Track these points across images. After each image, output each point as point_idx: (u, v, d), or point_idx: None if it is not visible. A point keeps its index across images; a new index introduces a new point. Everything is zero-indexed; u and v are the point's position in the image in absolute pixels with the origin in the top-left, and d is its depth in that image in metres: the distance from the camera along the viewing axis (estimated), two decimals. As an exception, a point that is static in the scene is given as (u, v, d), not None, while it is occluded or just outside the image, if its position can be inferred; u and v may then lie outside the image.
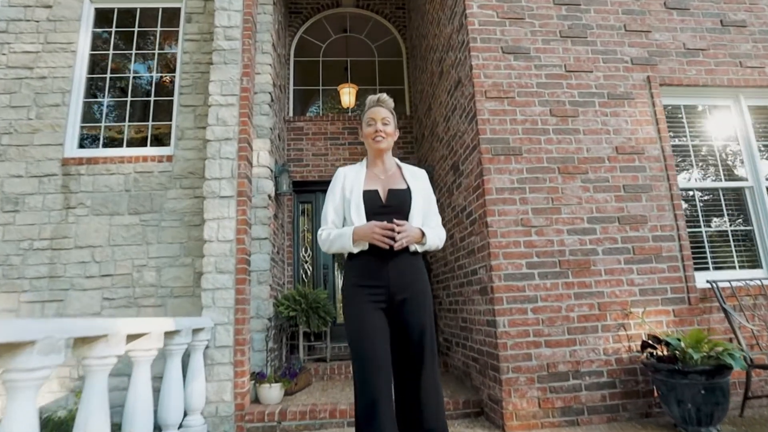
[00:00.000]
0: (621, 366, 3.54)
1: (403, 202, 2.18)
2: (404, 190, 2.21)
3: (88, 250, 4.49)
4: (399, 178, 2.28)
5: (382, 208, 2.15)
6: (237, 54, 4.35)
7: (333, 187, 2.29)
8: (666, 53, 4.16)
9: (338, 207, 2.24)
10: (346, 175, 2.29)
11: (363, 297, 2.08)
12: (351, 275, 2.16)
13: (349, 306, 2.11)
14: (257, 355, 4.44)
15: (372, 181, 2.23)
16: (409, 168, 2.35)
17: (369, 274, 2.10)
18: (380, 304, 2.08)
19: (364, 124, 2.30)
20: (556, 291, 3.60)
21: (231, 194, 4.08)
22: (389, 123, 2.27)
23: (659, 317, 3.66)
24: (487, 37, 3.99)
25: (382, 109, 2.28)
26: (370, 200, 2.16)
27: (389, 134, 2.26)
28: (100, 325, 2.14)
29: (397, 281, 2.08)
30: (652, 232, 3.79)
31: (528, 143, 3.82)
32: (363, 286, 2.09)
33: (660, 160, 3.93)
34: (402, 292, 2.08)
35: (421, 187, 2.28)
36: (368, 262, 2.11)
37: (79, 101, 4.83)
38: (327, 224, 2.24)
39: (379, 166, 2.30)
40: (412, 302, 2.09)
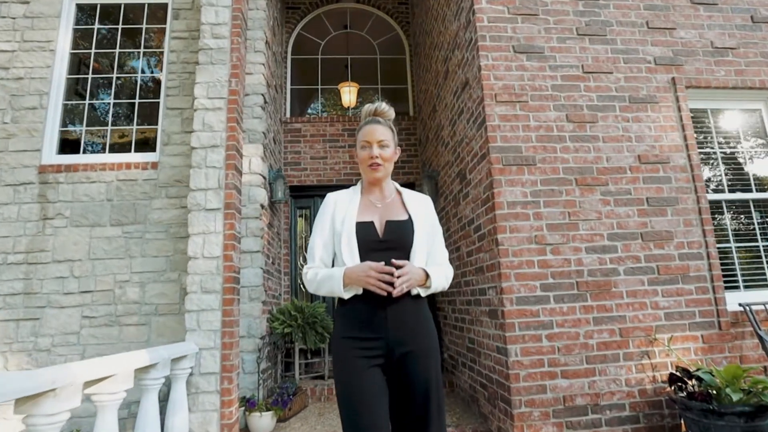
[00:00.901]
0: (645, 399, 3.21)
1: (403, 236, 1.82)
2: (405, 222, 1.86)
3: (66, 264, 4.18)
4: (399, 207, 1.92)
5: (379, 243, 1.80)
6: (225, 53, 4.02)
7: (321, 217, 1.93)
8: (692, 52, 3.81)
9: (327, 241, 1.88)
10: (336, 202, 1.92)
11: (355, 352, 1.72)
12: (341, 325, 1.80)
13: (339, 363, 1.75)
14: (248, 377, 4.12)
15: (367, 211, 1.88)
16: (410, 194, 2.00)
17: (363, 324, 1.75)
18: (376, 360, 1.72)
19: (358, 145, 1.94)
20: (573, 315, 3.27)
21: (218, 206, 3.76)
22: (388, 145, 1.90)
23: (686, 344, 3.32)
24: (497, 35, 3.64)
25: (379, 127, 1.90)
26: (365, 234, 1.81)
27: (387, 159, 1.89)
28: (46, 377, 1.82)
29: (397, 333, 1.73)
30: (679, 250, 3.45)
31: (542, 152, 3.48)
32: (355, 338, 1.74)
33: (686, 169, 3.58)
34: (403, 346, 1.73)
35: (425, 216, 1.92)
36: (362, 310, 1.76)
37: (59, 104, 4.51)
38: (314, 261, 1.88)
39: (376, 192, 1.94)
40: (415, 358, 1.74)
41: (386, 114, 1.97)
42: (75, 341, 4.07)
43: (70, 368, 1.98)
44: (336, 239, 1.85)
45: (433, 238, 1.93)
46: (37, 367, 3.99)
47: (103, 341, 4.07)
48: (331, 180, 6.10)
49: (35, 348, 4.03)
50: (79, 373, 2.04)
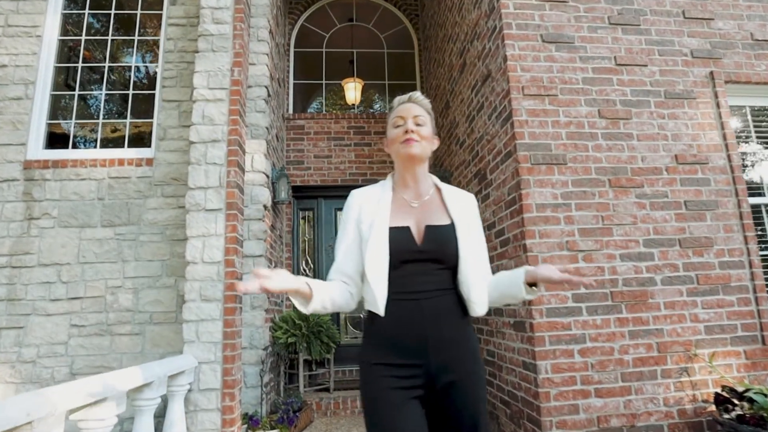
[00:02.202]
0: (684, 419, 2.95)
1: (445, 245, 1.50)
2: (447, 227, 1.53)
3: (53, 268, 3.86)
4: (439, 208, 1.59)
5: (418, 253, 1.48)
6: (227, 40, 3.71)
7: (345, 221, 1.60)
8: (731, 45, 3.55)
9: (351, 248, 1.56)
10: (362, 203, 1.59)
11: (390, 381, 1.42)
12: (372, 348, 1.49)
13: (369, 396, 1.45)
14: (250, 392, 3.83)
15: (401, 213, 1.55)
16: (452, 191, 1.65)
17: (398, 346, 1.44)
18: (415, 391, 1.42)
19: (389, 127, 1.62)
20: (607, 329, 3.00)
21: (219, 207, 3.46)
22: (424, 123, 1.57)
23: (728, 360, 3.06)
24: (523, 23, 3.36)
25: (415, 105, 1.58)
26: (399, 242, 1.48)
27: (424, 137, 1.55)
28: (18, 409, 1.53)
29: (440, 358, 1.43)
30: (719, 258, 3.19)
31: (573, 150, 3.21)
32: (390, 365, 1.43)
33: (726, 171, 3.33)
34: (447, 374, 1.43)
35: (469, 219, 1.60)
36: (396, 328, 1.45)
37: (46, 94, 4.18)
38: (331, 271, 1.58)
39: (411, 188, 1.59)
40: (461, 388, 1.44)
41: (421, 101, 1.66)
42: (63, 352, 3.76)
43: (48, 396, 1.68)
44: (363, 247, 1.52)
45: (480, 246, 1.61)
46: (21, 380, 3.67)
47: (93, 352, 3.76)
48: (335, 180, 5.80)
49: (19, 359, 3.71)
50: (59, 401, 1.75)
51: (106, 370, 3.75)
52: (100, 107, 4.27)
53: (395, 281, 1.47)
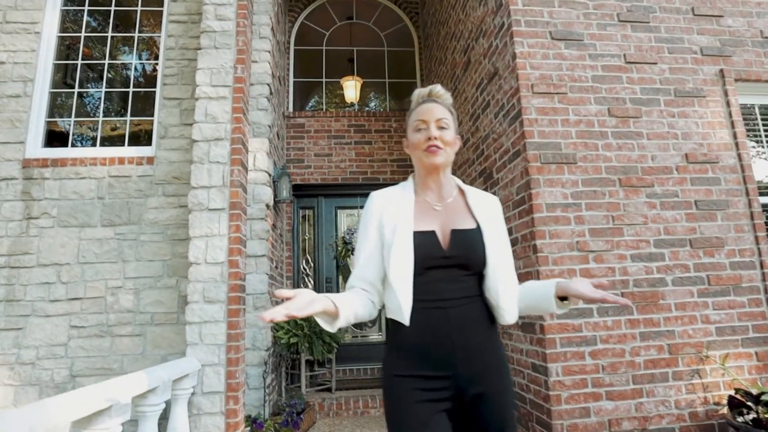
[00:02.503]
0: (696, 422, 2.91)
1: (472, 250, 1.43)
2: (474, 231, 1.46)
3: (53, 268, 3.79)
4: (463, 211, 1.51)
5: (444, 259, 1.40)
6: (230, 37, 3.65)
7: (365, 224, 1.51)
8: (740, 42, 3.51)
9: (373, 254, 1.47)
10: (383, 205, 1.50)
11: (417, 394, 1.35)
12: (396, 359, 1.41)
13: (395, 409, 1.37)
14: (253, 393, 3.77)
15: (425, 216, 1.47)
16: (476, 194, 1.57)
17: (424, 357, 1.37)
18: (443, 404, 1.36)
19: (410, 129, 1.53)
20: (618, 330, 2.96)
21: (222, 206, 3.39)
22: (448, 126, 1.48)
23: (740, 362, 3.03)
24: (532, 19, 3.31)
25: (437, 106, 1.50)
26: (424, 247, 1.40)
27: (448, 142, 1.47)
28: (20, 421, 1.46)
29: (469, 369, 1.36)
30: (730, 258, 3.16)
31: (583, 149, 3.16)
32: (417, 376, 1.36)
33: (737, 170, 3.29)
34: (476, 386, 1.36)
35: (495, 223, 1.52)
36: (422, 338, 1.38)
37: (45, 92, 4.11)
38: (352, 280, 1.49)
39: (434, 190, 1.52)
40: (490, 400, 1.38)
41: (442, 96, 1.56)
42: (62, 353, 3.69)
43: (49, 408, 1.62)
44: (386, 253, 1.44)
45: (506, 251, 1.53)
46: (20, 382, 3.60)
47: (93, 353, 3.70)
48: (336, 179, 5.74)
49: (18, 361, 3.64)
50: (62, 414, 1.68)
51: (107, 371, 3.69)
52: (99, 105, 4.20)
53: (420, 288, 1.39)
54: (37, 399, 3.62)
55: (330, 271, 5.71)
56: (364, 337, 5.70)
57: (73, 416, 1.71)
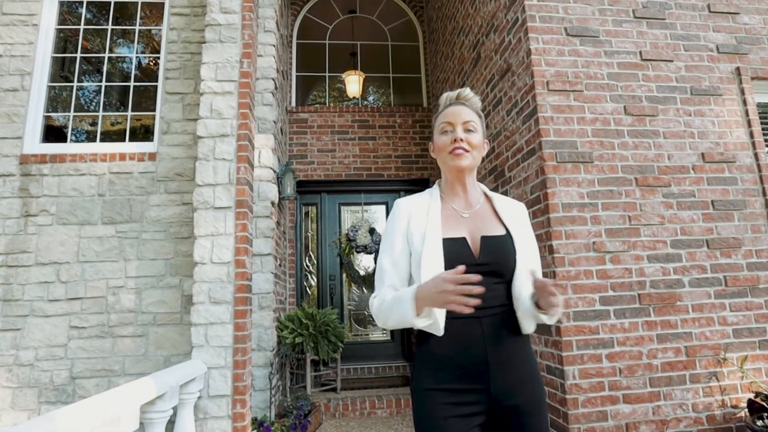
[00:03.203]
0: (714, 426, 2.87)
1: (504, 256, 1.38)
2: (504, 237, 1.42)
3: (52, 267, 3.68)
4: (491, 217, 1.48)
5: (475, 266, 1.32)
6: (236, 31, 3.55)
7: (392, 232, 1.47)
8: (757, 40, 3.46)
9: (400, 261, 1.43)
10: (411, 213, 1.46)
11: (448, 410, 1.29)
12: (425, 372, 1.36)
13: (426, 423, 1.32)
14: (258, 395, 3.69)
15: (453, 223, 1.43)
16: (502, 200, 1.54)
17: (457, 370, 1.32)
18: (476, 419, 1.31)
19: (436, 132, 1.50)
20: (635, 332, 2.91)
21: (228, 204, 3.30)
22: (475, 129, 1.46)
23: (757, 364, 2.99)
24: (547, 15, 3.24)
25: (464, 108, 1.47)
26: (455, 254, 1.35)
27: (475, 146, 1.44)
28: None
29: (502, 381, 1.31)
30: (747, 259, 3.11)
31: (599, 148, 3.10)
32: (447, 390, 1.31)
33: (753, 170, 3.24)
34: (510, 398, 1.31)
35: (524, 229, 1.49)
36: (454, 350, 1.32)
37: (43, 86, 3.98)
38: (382, 287, 1.43)
39: (460, 197, 1.49)
40: (524, 412, 1.32)
41: (471, 100, 1.53)
42: (62, 355, 3.59)
43: (56, 421, 1.53)
44: (414, 260, 1.40)
45: (535, 257, 1.50)
46: (18, 384, 3.50)
47: (94, 355, 3.60)
48: (339, 175, 5.65)
49: (16, 362, 3.54)
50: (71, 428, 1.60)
51: (108, 373, 3.60)
52: (99, 100, 4.08)
53: None
54: (35, 402, 3.52)
55: (333, 269, 5.63)
56: (367, 336, 5.63)
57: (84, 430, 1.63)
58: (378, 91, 6.55)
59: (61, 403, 3.54)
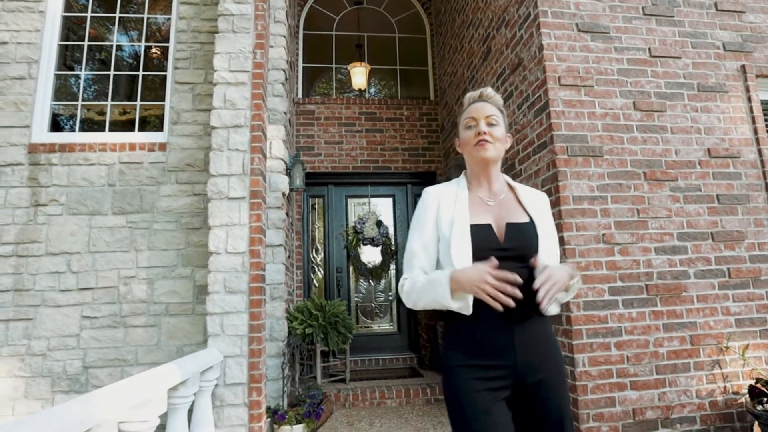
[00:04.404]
0: (716, 411, 2.98)
1: (527, 242, 1.48)
2: (527, 225, 1.51)
3: (62, 257, 3.69)
4: (515, 206, 1.57)
5: (500, 251, 1.43)
6: (249, 21, 3.55)
7: (422, 218, 1.57)
8: (762, 39, 3.54)
9: (429, 246, 1.53)
10: (440, 200, 1.56)
11: (478, 384, 1.39)
12: (455, 350, 1.46)
13: (457, 399, 1.41)
14: (271, 384, 3.74)
15: (479, 211, 1.52)
16: (525, 190, 1.63)
17: (485, 347, 1.41)
18: (502, 392, 1.40)
19: (461, 128, 1.60)
20: (642, 322, 3.00)
21: (242, 195, 3.33)
22: (498, 123, 1.55)
23: (757, 352, 3.10)
24: (559, 11, 3.29)
25: (487, 104, 1.57)
26: (482, 239, 1.45)
27: (498, 138, 1.53)
28: (73, 418, 1.42)
29: (527, 358, 1.40)
30: (749, 252, 3.21)
31: (609, 142, 3.17)
32: (475, 366, 1.41)
33: (757, 165, 3.34)
34: (534, 374, 1.41)
35: (546, 217, 1.58)
36: (483, 329, 1.42)
37: (50, 74, 3.96)
38: (412, 270, 1.53)
39: (485, 186, 1.57)
40: (547, 387, 1.42)
41: (493, 98, 1.62)
42: (74, 344, 3.61)
43: (97, 400, 1.57)
44: (442, 246, 1.50)
45: (555, 245, 1.59)
46: (31, 374, 3.52)
47: (106, 344, 3.63)
48: (347, 167, 5.68)
49: (28, 352, 3.55)
50: (111, 406, 1.64)
51: (121, 362, 3.63)
52: (107, 88, 4.05)
53: None
54: (49, 391, 3.54)
55: (340, 261, 5.67)
56: (374, 328, 5.70)
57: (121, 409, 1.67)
58: (381, 83, 6.55)
59: (74, 392, 3.56)
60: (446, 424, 3.80)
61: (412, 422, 3.88)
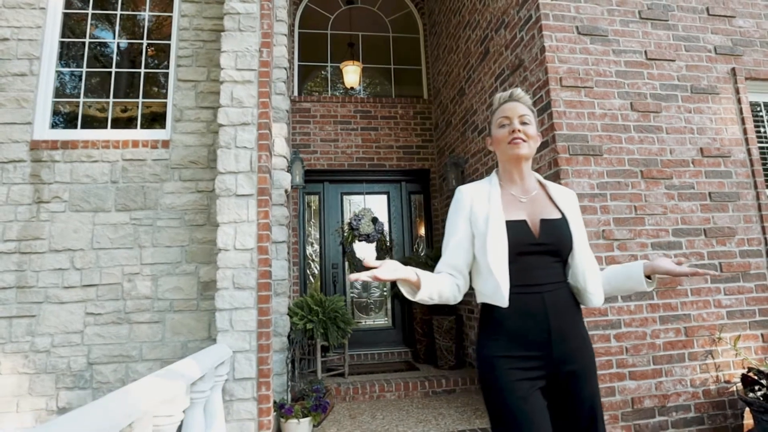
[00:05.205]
0: (709, 399, 3.12)
1: (561, 237, 1.54)
2: (560, 221, 1.57)
3: (66, 254, 3.68)
4: (547, 203, 1.63)
5: (536, 246, 1.51)
6: (255, 20, 3.58)
7: (455, 215, 1.63)
8: (750, 42, 3.69)
9: (462, 242, 1.59)
10: (474, 197, 1.61)
11: (516, 374, 1.45)
12: (493, 341, 1.52)
13: (496, 389, 1.47)
14: (276, 379, 3.79)
15: (513, 207, 1.58)
16: (556, 188, 1.69)
17: (522, 338, 1.48)
18: (539, 382, 1.47)
19: (494, 127, 1.65)
20: (640, 314, 3.12)
21: (250, 192, 3.37)
22: (530, 122, 1.61)
23: (747, 343, 3.25)
24: (560, 14, 3.39)
25: (519, 104, 1.62)
26: (518, 234, 1.51)
27: (531, 136, 1.60)
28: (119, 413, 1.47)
29: (563, 349, 1.48)
30: (739, 247, 3.36)
31: (608, 141, 3.29)
32: (515, 357, 1.47)
33: (746, 164, 3.49)
34: (568, 364, 1.48)
35: (577, 214, 1.65)
36: (520, 321, 1.49)
37: (51, 70, 3.93)
38: (439, 264, 1.61)
39: (518, 183, 1.63)
40: (581, 378, 1.50)
41: (523, 98, 1.68)
42: (78, 341, 3.61)
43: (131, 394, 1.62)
44: (479, 242, 1.55)
45: (586, 240, 1.67)
46: (35, 371, 3.51)
47: (110, 341, 3.63)
48: (342, 165, 5.74)
49: (32, 349, 3.55)
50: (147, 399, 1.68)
51: (126, 359, 3.64)
52: (109, 85, 4.05)
53: (514, 274, 1.51)
54: (53, 387, 3.54)
55: (336, 257, 5.73)
56: (369, 323, 5.77)
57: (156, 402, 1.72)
58: (374, 81, 6.60)
59: (78, 388, 3.57)
60: (446, 415, 3.90)
61: (413, 414, 3.96)
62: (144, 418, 1.65)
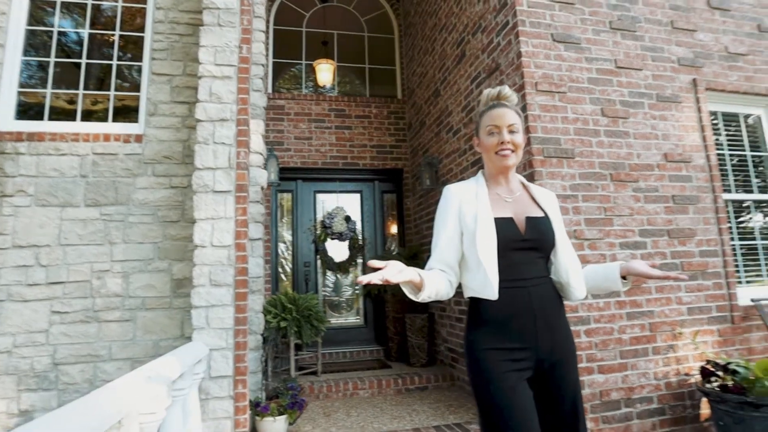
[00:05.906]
0: (670, 391, 3.30)
1: (546, 234, 1.64)
2: (544, 219, 1.67)
3: (30, 250, 3.54)
4: (530, 202, 1.72)
5: (522, 242, 1.59)
6: (234, 15, 3.54)
7: (444, 213, 1.69)
8: (709, 55, 3.92)
9: (452, 239, 1.64)
10: (462, 197, 1.67)
11: (505, 365, 1.52)
12: (483, 334, 1.58)
13: (486, 380, 1.53)
14: (251, 377, 3.74)
15: (499, 206, 1.66)
16: (538, 189, 1.79)
17: (510, 330, 1.55)
18: (526, 373, 1.54)
19: (482, 131, 1.70)
20: (609, 311, 3.27)
21: (228, 188, 3.33)
22: (518, 131, 1.66)
23: (705, 337, 3.45)
24: (536, 21, 3.51)
25: (509, 111, 1.67)
26: (505, 231, 1.59)
27: (519, 145, 1.66)
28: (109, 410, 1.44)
29: (548, 341, 1.56)
30: (699, 247, 3.56)
31: (580, 145, 3.42)
32: (501, 349, 1.54)
33: (705, 169, 3.70)
34: (553, 355, 1.56)
35: (558, 214, 1.75)
36: (508, 313, 1.55)
37: (16, 59, 3.77)
38: (431, 261, 1.66)
39: (503, 185, 1.71)
40: (564, 367, 1.59)
41: (510, 99, 1.74)
42: (43, 340, 3.48)
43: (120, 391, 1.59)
44: (467, 238, 1.61)
45: (567, 237, 1.75)
46: (-4, 372, 3.36)
47: (78, 340, 3.52)
48: (316, 162, 5.73)
49: (-7, 349, 3.39)
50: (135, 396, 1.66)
51: (94, 358, 3.53)
52: (79, 77, 3.91)
53: (501, 269, 1.57)
54: (15, 390, 3.40)
55: (308, 256, 5.71)
56: (342, 321, 5.77)
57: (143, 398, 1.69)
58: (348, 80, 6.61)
59: (42, 390, 3.44)
60: (420, 412, 3.96)
61: (387, 411, 4.00)
62: (132, 414, 1.62)
